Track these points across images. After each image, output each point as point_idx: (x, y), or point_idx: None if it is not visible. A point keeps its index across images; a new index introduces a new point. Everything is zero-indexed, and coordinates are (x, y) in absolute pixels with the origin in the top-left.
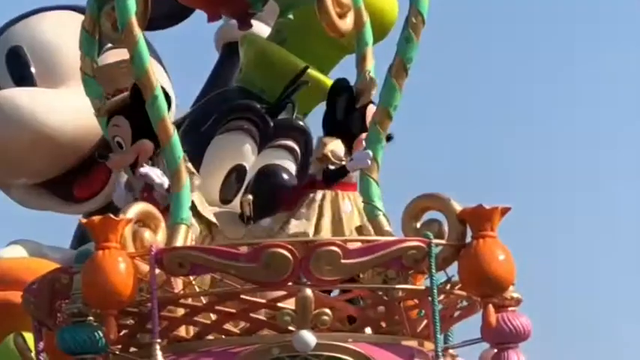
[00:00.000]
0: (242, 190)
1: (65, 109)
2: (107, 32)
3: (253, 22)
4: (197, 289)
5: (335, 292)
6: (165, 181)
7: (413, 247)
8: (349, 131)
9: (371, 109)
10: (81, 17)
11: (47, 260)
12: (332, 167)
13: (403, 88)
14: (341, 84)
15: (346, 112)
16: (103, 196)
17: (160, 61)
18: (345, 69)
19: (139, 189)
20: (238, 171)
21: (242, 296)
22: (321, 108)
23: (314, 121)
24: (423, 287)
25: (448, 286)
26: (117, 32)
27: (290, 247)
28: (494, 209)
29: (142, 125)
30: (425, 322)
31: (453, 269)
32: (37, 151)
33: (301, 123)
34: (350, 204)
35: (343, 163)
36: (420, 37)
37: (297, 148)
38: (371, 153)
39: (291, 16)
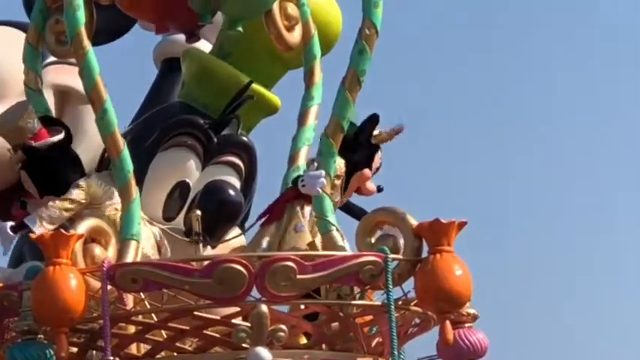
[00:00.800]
0: (185, 207)
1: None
2: (51, 46)
3: (182, 37)
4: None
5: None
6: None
7: (369, 262)
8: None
9: (379, 154)
10: (18, 33)
11: None
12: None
13: (356, 100)
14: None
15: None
16: None
17: None
18: (289, 84)
19: None
20: (182, 188)
21: (196, 313)
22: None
23: (257, 136)
24: (379, 303)
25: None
26: (61, 45)
27: (245, 262)
28: (451, 223)
29: (44, 177)
30: (378, 339)
31: (408, 285)
32: None
33: (245, 139)
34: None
35: None
36: (373, 49)
37: (241, 164)
38: (323, 176)
39: (240, 29)
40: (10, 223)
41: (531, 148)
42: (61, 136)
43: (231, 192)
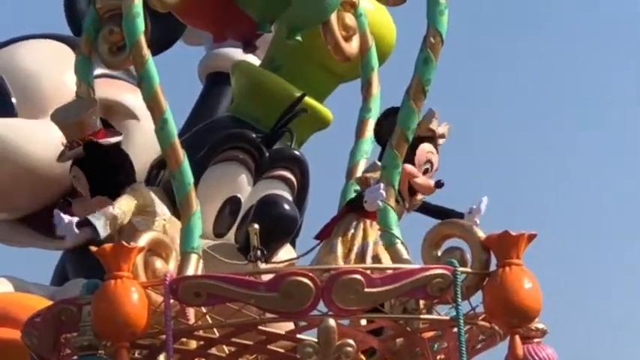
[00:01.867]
0: (237, 223)
1: (48, 140)
2: (104, 56)
3: (237, 51)
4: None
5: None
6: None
7: (438, 275)
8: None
9: (426, 146)
10: (60, 45)
11: (34, 295)
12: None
13: (421, 110)
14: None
15: None
16: (84, 232)
17: None
18: (343, 97)
19: None
20: (233, 203)
21: (260, 327)
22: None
23: (310, 150)
24: (447, 317)
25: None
26: (114, 56)
27: (311, 275)
28: (521, 236)
29: (98, 178)
30: (442, 355)
31: (475, 299)
32: (21, 184)
33: (297, 152)
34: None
35: None
36: (438, 58)
37: (293, 178)
38: (382, 188)
39: (299, 38)
40: (75, 218)
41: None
42: (119, 138)
43: (287, 206)
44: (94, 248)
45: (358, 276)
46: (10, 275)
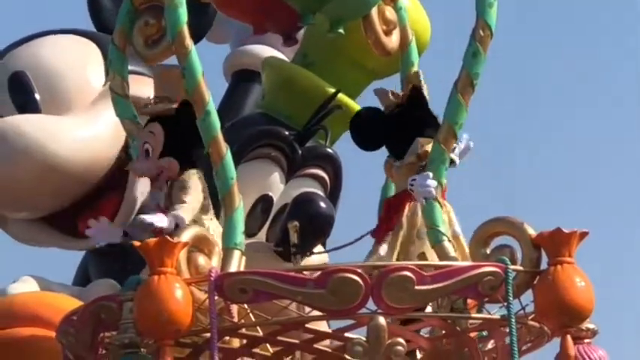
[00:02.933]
0: (268, 222)
1: (74, 137)
2: (139, 49)
3: (264, 48)
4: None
5: None
6: (168, 224)
7: (489, 272)
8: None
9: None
10: (83, 41)
11: (62, 294)
12: None
13: (469, 104)
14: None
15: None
16: None
17: None
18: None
19: (155, 202)
20: (265, 202)
21: (307, 325)
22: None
23: (342, 147)
24: (498, 317)
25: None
26: (150, 49)
27: (360, 271)
28: (573, 233)
29: (176, 143)
30: (492, 354)
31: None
32: (44, 182)
33: (330, 150)
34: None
35: None
36: (487, 51)
37: (326, 177)
38: (433, 182)
39: (341, 31)
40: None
41: None
42: None
43: (323, 204)
44: (136, 243)
45: (408, 273)
46: (33, 275)
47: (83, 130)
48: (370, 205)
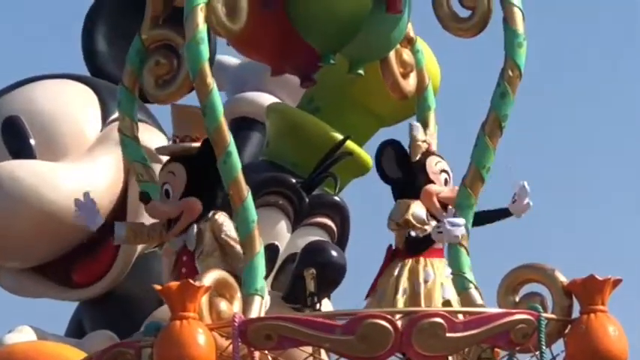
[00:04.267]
0: (274, 271)
1: (71, 184)
2: (150, 89)
3: (262, 95)
4: None
5: None
6: None
7: (522, 320)
8: (414, 188)
9: (431, 160)
10: (79, 86)
11: (65, 345)
12: (413, 233)
13: (497, 147)
14: (383, 143)
15: (404, 169)
16: (105, 282)
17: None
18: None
19: (176, 250)
20: (270, 251)
21: None
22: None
23: (349, 196)
24: None
25: None
26: (160, 89)
27: (390, 317)
28: (606, 281)
29: (199, 182)
30: None
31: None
32: (39, 231)
33: (337, 199)
34: (432, 273)
35: (426, 227)
36: (516, 92)
37: (333, 225)
38: (463, 223)
39: (361, 72)
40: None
41: None
42: None
43: (334, 253)
44: (157, 287)
45: (440, 319)
46: (28, 325)
47: (80, 177)
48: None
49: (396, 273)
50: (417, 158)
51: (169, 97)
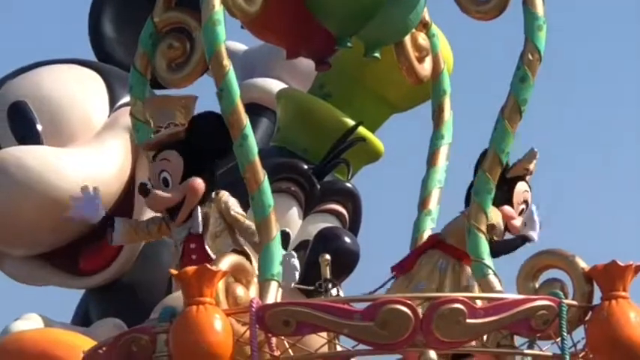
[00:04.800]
0: None
1: (77, 170)
2: (162, 73)
3: (271, 81)
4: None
5: None
6: None
7: (543, 306)
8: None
9: (522, 186)
10: (87, 71)
11: (74, 332)
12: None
13: (516, 131)
14: None
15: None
16: (113, 270)
17: None
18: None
19: (181, 239)
20: (282, 237)
21: None
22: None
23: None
24: (550, 354)
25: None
26: (173, 73)
27: (410, 303)
28: (628, 266)
29: (196, 164)
30: None
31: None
32: (44, 217)
33: (350, 185)
34: (474, 282)
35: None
36: (536, 76)
37: (345, 212)
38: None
39: (377, 55)
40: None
41: None
42: None
43: (348, 240)
44: (174, 272)
45: (460, 305)
46: (35, 313)
47: (87, 163)
48: (388, 239)
49: (440, 268)
50: (512, 176)
51: (182, 81)
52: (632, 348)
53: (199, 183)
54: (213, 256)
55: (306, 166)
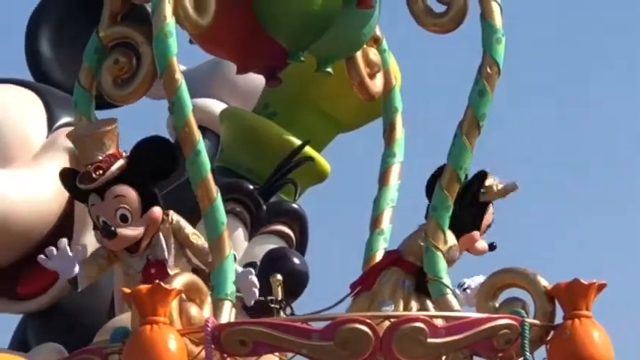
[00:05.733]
0: None
1: (17, 192)
2: (108, 89)
3: (212, 101)
4: None
5: None
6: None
7: (505, 325)
8: (462, 225)
9: (490, 210)
10: (24, 91)
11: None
12: None
13: (475, 147)
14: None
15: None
16: (52, 294)
17: None
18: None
19: (139, 268)
20: None
21: None
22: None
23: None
24: None
25: None
26: (119, 89)
27: (370, 322)
28: (592, 285)
29: (147, 193)
30: None
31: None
32: None
33: (296, 206)
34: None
35: None
36: (494, 90)
37: (291, 233)
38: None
39: (330, 70)
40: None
41: None
42: None
43: (297, 260)
44: (126, 290)
45: (421, 324)
46: None
47: (25, 186)
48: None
49: (404, 286)
50: (485, 200)
51: (129, 97)
52: None
53: (159, 211)
54: None
55: (251, 187)
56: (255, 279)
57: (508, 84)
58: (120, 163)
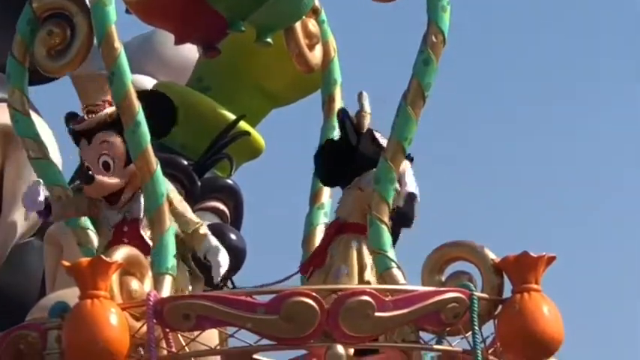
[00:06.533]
0: None
1: None
2: (41, 61)
3: (142, 76)
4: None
5: None
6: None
7: (453, 299)
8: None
9: (377, 134)
10: None
11: None
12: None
13: (419, 117)
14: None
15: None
16: None
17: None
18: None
19: (113, 222)
20: None
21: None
22: None
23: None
24: (460, 349)
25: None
26: (53, 60)
27: (316, 295)
28: (540, 258)
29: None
30: None
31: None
32: None
33: (231, 182)
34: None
35: None
36: (439, 59)
37: (226, 210)
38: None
39: (269, 40)
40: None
41: None
42: None
43: (234, 236)
44: (66, 263)
45: (368, 298)
46: None
47: None
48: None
49: (355, 248)
50: (365, 130)
51: (63, 69)
52: (546, 343)
53: None
54: (149, 242)
55: (185, 162)
56: (222, 259)
57: None
58: (111, 109)
